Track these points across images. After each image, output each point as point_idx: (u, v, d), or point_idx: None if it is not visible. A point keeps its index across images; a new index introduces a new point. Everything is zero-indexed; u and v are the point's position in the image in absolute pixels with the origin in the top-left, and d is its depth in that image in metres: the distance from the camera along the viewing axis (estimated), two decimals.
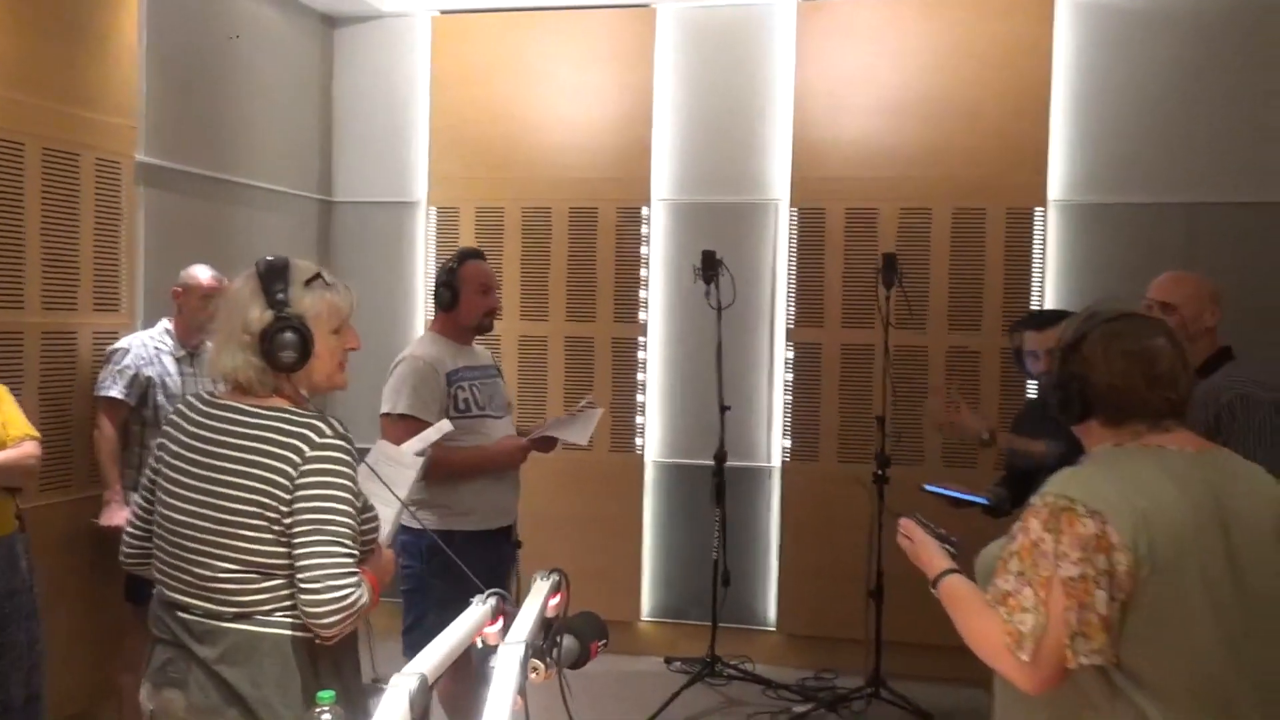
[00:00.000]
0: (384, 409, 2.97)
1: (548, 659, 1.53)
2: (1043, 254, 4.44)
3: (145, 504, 1.94)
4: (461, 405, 3.01)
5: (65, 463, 3.44)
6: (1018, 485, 3.27)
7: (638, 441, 4.75)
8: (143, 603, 3.41)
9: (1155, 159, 4.34)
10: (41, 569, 2.96)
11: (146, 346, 3.49)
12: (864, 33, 4.56)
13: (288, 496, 1.74)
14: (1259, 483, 1.64)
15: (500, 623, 1.57)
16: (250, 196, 4.45)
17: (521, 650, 1.38)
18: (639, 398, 4.74)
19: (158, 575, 1.87)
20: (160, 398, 3.46)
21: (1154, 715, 1.50)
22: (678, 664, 4.46)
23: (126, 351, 3.45)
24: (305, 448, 1.75)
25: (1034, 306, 4.41)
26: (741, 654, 4.48)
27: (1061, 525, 1.52)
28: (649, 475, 4.76)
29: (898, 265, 3.96)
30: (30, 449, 2.87)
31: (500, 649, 1.39)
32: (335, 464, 1.76)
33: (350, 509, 1.76)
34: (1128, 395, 1.63)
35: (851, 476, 4.18)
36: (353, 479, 1.79)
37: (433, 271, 4.92)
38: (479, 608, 1.54)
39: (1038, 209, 4.42)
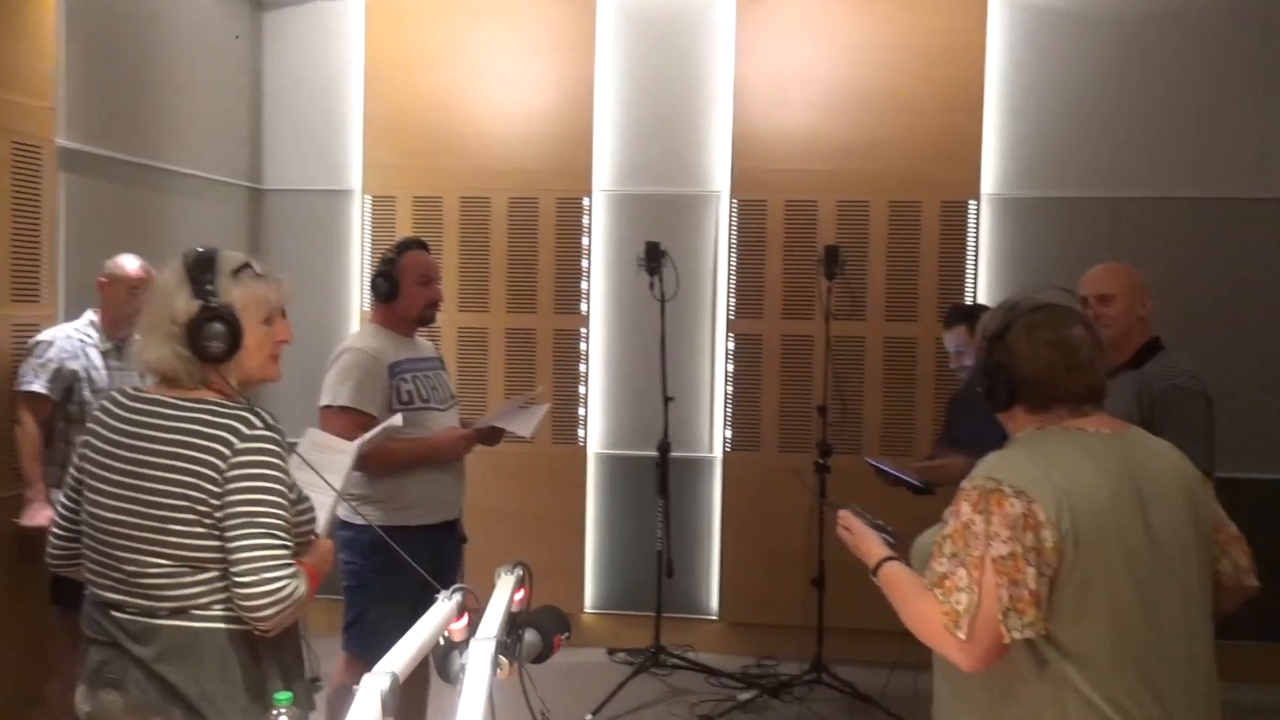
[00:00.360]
0: (324, 401, 2.90)
1: (512, 654, 1.51)
2: (975, 246, 4.54)
3: (71, 503, 1.88)
4: (405, 397, 2.95)
5: None
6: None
7: (580, 433, 4.73)
8: (68, 606, 3.31)
9: (1082, 155, 4.48)
10: None
11: (71, 339, 3.35)
12: (803, 26, 4.60)
13: (217, 490, 1.70)
14: (1170, 460, 1.73)
15: (465, 619, 1.55)
16: (177, 184, 4.30)
17: (493, 646, 1.36)
18: (581, 390, 4.72)
19: (88, 575, 1.82)
20: (86, 392, 3.33)
21: (1078, 684, 1.57)
22: (621, 655, 4.46)
23: (50, 344, 3.31)
24: (234, 439, 1.72)
25: (967, 296, 4.52)
26: (684, 643, 4.51)
27: (990, 506, 1.58)
28: (591, 467, 4.75)
29: (839, 256, 4.01)
30: None
31: (471, 645, 1.37)
32: (265, 454, 1.73)
33: (283, 500, 1.74)
34: (1050, 382, 1.70)
35: (789, 467, 4.23)
36: (284, 470, 1.76)
37: (369, 262, 4.83)
38: (444, 604, 1.51)
39: (971, 202, 4.53)
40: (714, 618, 4.71)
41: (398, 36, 4.80)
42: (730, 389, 4.67)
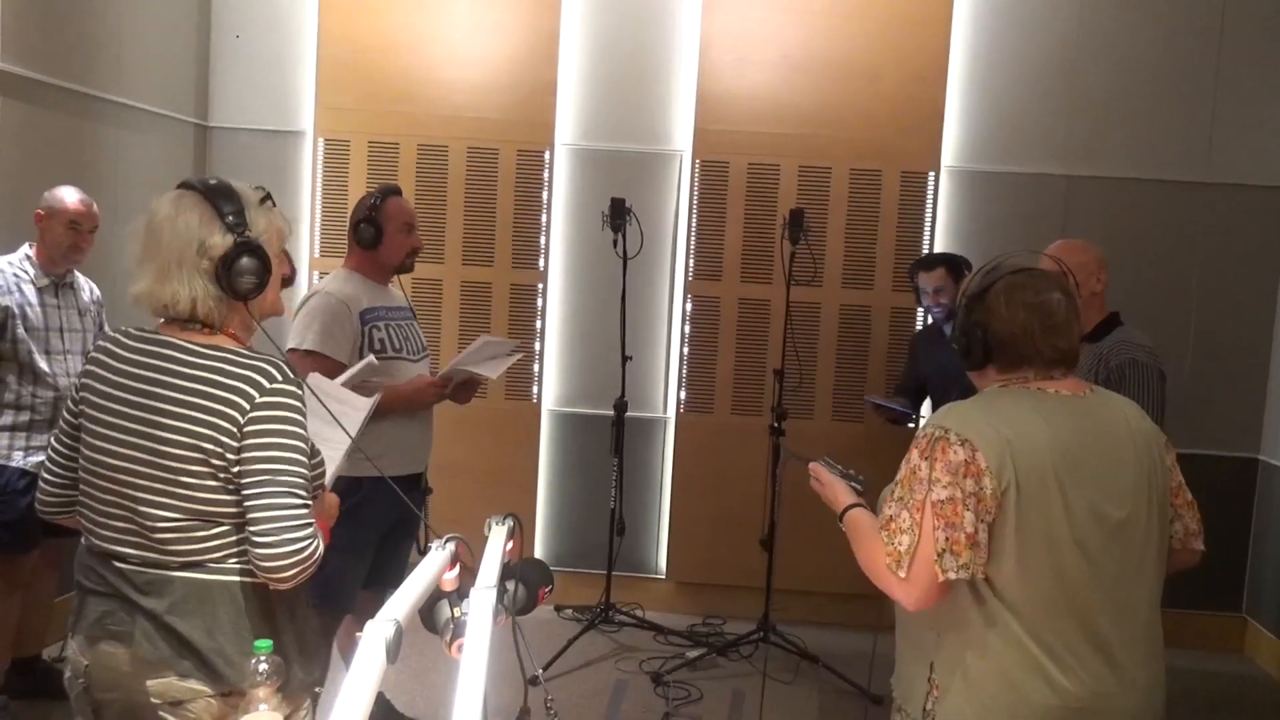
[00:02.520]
0: (290, 344, 2.82)
1: (500, 606, 1.49)
2: (933, 217, 4.59)
3: (66, 447, 1.77)
4: (376, 346, 2.89)
5: None
6: (916, 397, 4.10)
7: (534, 390, 4.69)
8: (4, 552, 3.19)
9: (1040, 131, 4.54)
10: None
11: (5, 274, 3.20)
12: None
13: (235, 444, 1.62)
14: (1132, 422, 1.78)
15: (457, 569, 1.52)
16: (119, 115, 4.10)
17: (494, 595, 1.34)
18: (537, 346, 4.67)
19: (86, 524, 1.73)
20: (20, 330, 3.18)
21: (1013, 625, 1.65)
22: (569, 611, 4.47)
23: None
24: (254, 392, 1.64)
25: None
26: (632, 601, 4.54)
27: (936, 453, 1.66)
28: (545, 424, 4.72)
29: (804, 222, 4.01)
30: None
31: (473, 594, 1.35)
32: (286, 409, 1.65)
33: (303, 457, 1.66)
34: (1024, 343, 1.76)
35: (741, 429, 4.25)
36: (304, 425, 1.68)
37: (319, 206, 4.68)
38: (439, 553, 1.48)
39: (931, 173, 4.57)
40: (661, 577, 4.75)
41: None
42: (686, 350, 4.67)
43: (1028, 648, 1.64)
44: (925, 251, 4.56)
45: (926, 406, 4.10)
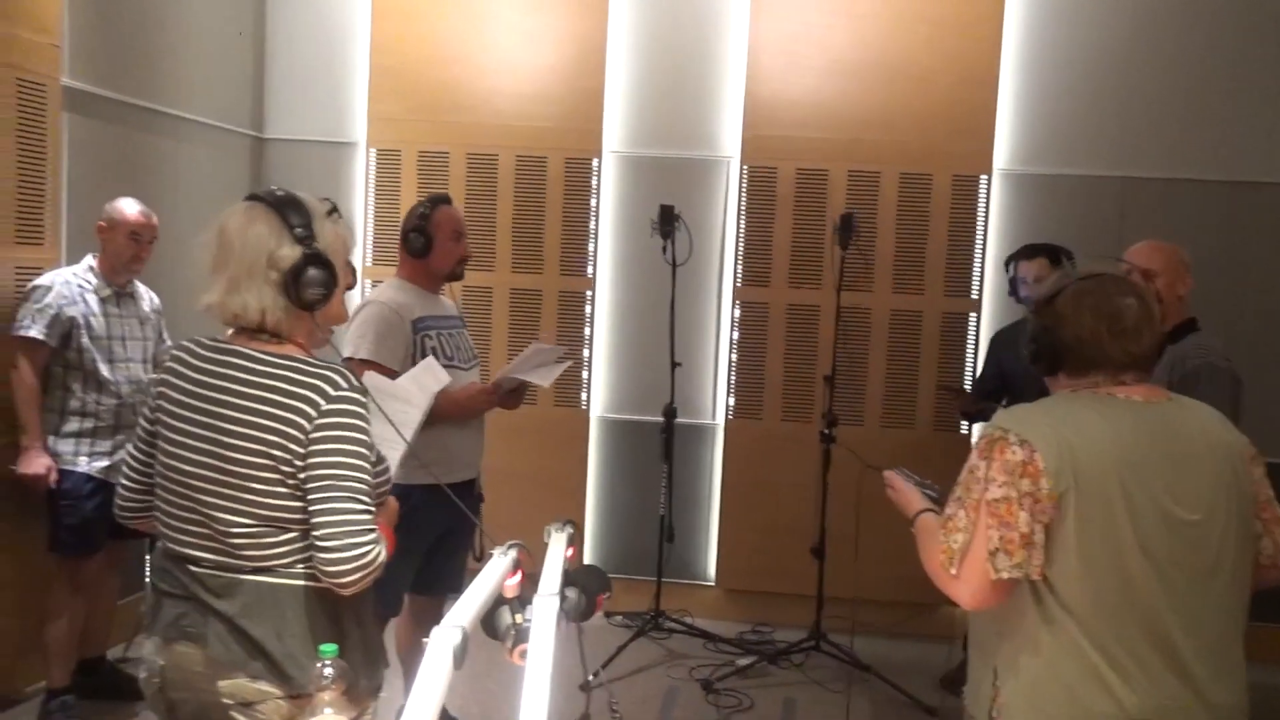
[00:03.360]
0: (345, 353, 2.85)
1: (561, 612, 1.49)
2: (985, 221, 4.53)
3: (143, 454, 1.82)
4: (428, 354, 2.91)
5: None
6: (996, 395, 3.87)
7: (583, 397, 4.70)
8: (69, 554, 3.27)
9: (1095, 132, 4.47)
10: None
11: (70, 285, 3.28)
12: None
13: (302, 450, 1.65)
14: (1212, 431, 1.74)
15: (519, 575, 1.53)
16: (179, 128, 4.20)
17: (557, 602, 1.35)
18: (585, 353, 4.69)
19: (162, 528, 1.77)
20: (85, 339, 3.26)
21: (1074, 632, 1.62)
22: (619, 618, 4.47)
23: (49, 289, 3.23)
24: (320, 400, 1.66)
25: (975, 272, 4.52)
26: (680, 608, 4.53)
27: (994, 453, 1.66)
28: (594, 431, 4.73)
29: (854, 225, 3.98)
30: None
31: (536, 600, 1.35)
32: (350, 415, 1.67)
33: (366, 463, 1.68)
34: (1092, 348, 1.74)
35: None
36: (368, 431, 1.70)
37: (372, 216, 4.75)
38: (501, 559, 1.49)
39: (983, 176, 4.51)
40: (710, 584, 4.74)
41: None
42: (734, 356, 4.66)
43: (1087, 654, 1.61)
44: (978, 255, 4.51)
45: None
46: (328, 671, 1.54)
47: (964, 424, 4.41)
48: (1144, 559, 1.61)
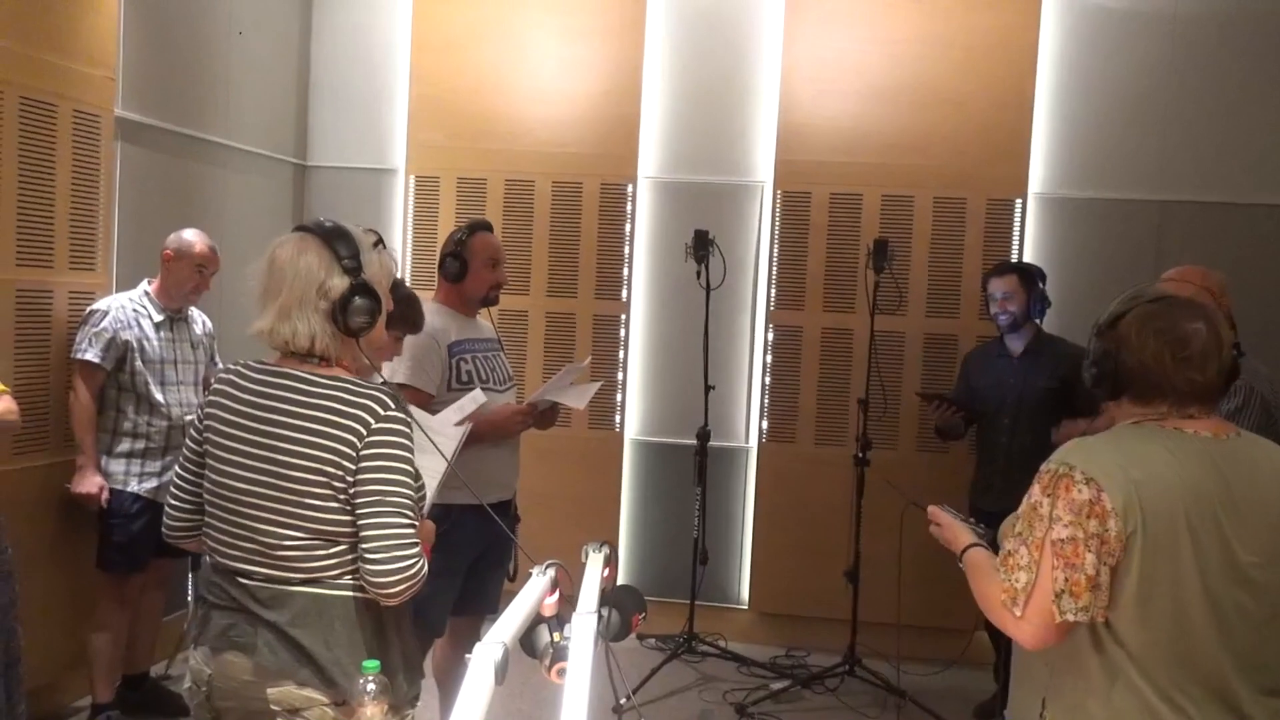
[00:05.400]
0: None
1: (598, 632, 1.52)
2: (1020, 244, 4.53)
3: (191, 475, 1.88)
4: (464, 377, 2.97)
5: (40, 426, 3.32)
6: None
7: (617, 419, 4.74)
8: (116, 571, 3.36)
9: (1132, 156, 4.46)
10: (11, 535, 2.84)
11: (125, 309, 3.38)
12: (851, 18, 4.58)
13: (353, 467, 1.72)
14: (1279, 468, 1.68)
15: (557, 594, 1.57)
16: (225, 157, 4.32)
17: (595, 621, 1.38)
18: (619, 375, 4.73)
19: (210, 544, 1.83)
20: (138, 363, 3.36)
21: (1132, 674, 1.58)
22: (652, 641, 4.48)
23: (105, 314, 3.33)
24: (370, 419, 1.73)
25: None
26: (714, 631, 4.53)
27: (1059, 490, 1.60)
28: (627, 453, 4.76)
29: (889, 250, 4.00)
30: (8, 402, 2.76)
31: (575, 619, 1.38)
32: (397, 435, 1.75)
33: (411, 480, 1.75)
34: (1156, 374, 1.67)
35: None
36: (412, 451, 1.77)
37: (411, 241, 4.84)
38: (540, 579, 1.53)
39: (1018, 200, 4.51)
40: (743, 607, 4.73)
41: (445, 16, 4.80)
42: (768, 380, 4.67)
43: (1146, 698, 1.57)
44: None
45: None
46: (370, 687, 1.58)
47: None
48: (1206, 603, 1.57)
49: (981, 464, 3.95)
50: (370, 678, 1.58)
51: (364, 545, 1.70)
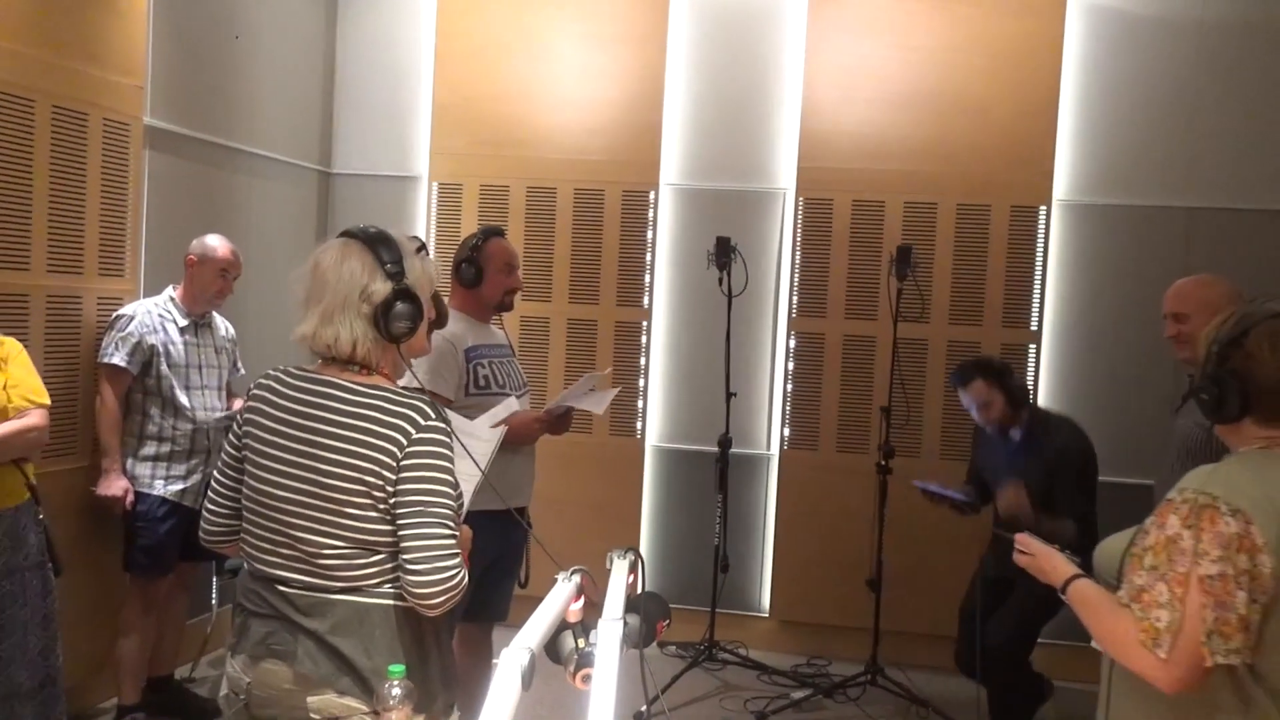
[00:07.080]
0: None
1: (623, 638, 1.52)
2: (1044, 251, 4.50)
3: (231, 480, 1.87)
4: (481, 382, 2.98)
5: (69, 430, 3.36)
6: (981, 488, 3.70)
7: (638, 426, 4.74)
8: (142, 574, 3.39)
9: (1157, 163, 4.42)
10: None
11: (151, 314, 3.42)
12: (874, 25, 4.57)
13: (393, 476, 1.71)
14: None
15: (581, 600, 1.57)
16: (251, 164, 4.36)
17: (621, 627, 1.38)
18: (641, 382, 4.73)
19: (249, 550, 1.83)
20: (164, 367, 3.39)
21: (1274, 717, 1.49)
22: (672, 648, 4.47)
23: (131, 319, 3.37)
24: (411, 429, 1.72)
25: (1035, 303, 4.48)
26: (736, 639, 4.51)
27: (1202, 522, 1.51)
28: (649, 460, 4.76)
29: (912, 257, 3.98)
30: (34, 420, 2.74)
31: (600, 625, 1.38)
32: (438, 444, 1.74)
33: (451, 490, 1.74)
34: None
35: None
36: (452, 460, 1.76)
37: (434, 248, 4.86)
38: (565, 584, 1.53)
39: (1042, 207, 4.48)
40: (764, 615, 4.71)
41: (469, 25, 4.83)
42: (790, 387, 4.66)
43: None
44: (1037, 286, 4.48)
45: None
46: (395, 692, 1.58)
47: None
48: None
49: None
50: (395, 683, 1.59)
51: (406, 556, 1.69)
